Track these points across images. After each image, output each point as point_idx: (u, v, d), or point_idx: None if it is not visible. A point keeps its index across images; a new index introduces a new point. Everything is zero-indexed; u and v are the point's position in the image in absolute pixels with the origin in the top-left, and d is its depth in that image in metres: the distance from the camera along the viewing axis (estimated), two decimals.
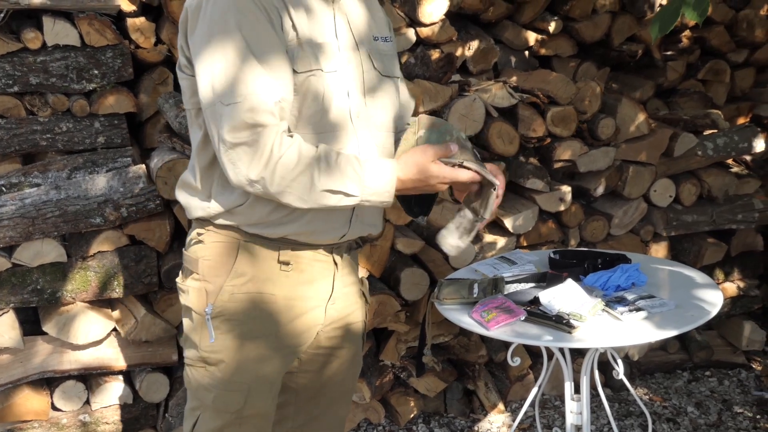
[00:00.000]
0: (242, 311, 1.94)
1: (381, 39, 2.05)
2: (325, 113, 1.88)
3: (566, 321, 2.28)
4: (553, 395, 3.70)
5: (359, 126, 1.94)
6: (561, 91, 3.42)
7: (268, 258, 1.94)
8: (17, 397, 2.95)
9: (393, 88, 2.05)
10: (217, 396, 1.96)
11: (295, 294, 1.98)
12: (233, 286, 1.93)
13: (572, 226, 3.60)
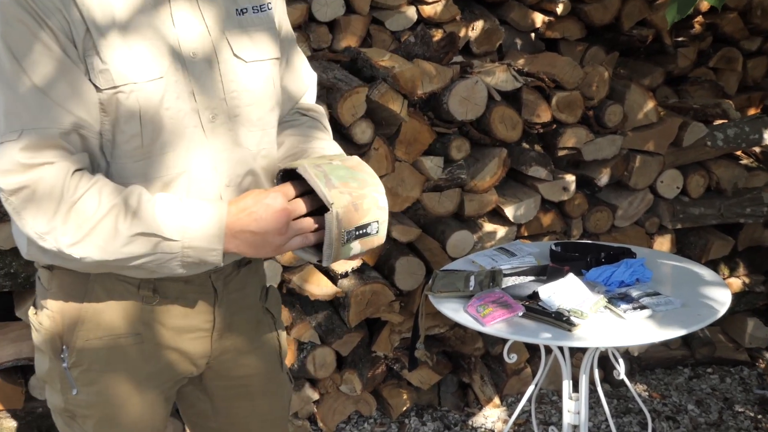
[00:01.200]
0: (102, 360, 1.61)
1: (251, 10, 1.62)
2: (154, 132, 1.49)
3: (566, 318, 2.18)
4: (551, 390, 3.60)
5: (218, 133, 1.56)
6: (567, 76, 3.30)
7: (125, 293, 1.58)
8: None
9: (266, 74, 1.63)
10: None
11: (166, 330, 1.64)
12: (86, 331, 1.59)
13: (575, 216, 3.48)
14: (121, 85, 1.45)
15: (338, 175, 1.50)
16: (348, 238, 1.50)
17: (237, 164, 1.59)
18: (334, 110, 2.93)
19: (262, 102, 1.63)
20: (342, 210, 1.47)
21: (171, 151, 1.51)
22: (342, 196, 1.47)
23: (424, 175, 3.15)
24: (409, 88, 3.02)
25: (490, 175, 3.23)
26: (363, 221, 1.51)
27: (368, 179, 1.54)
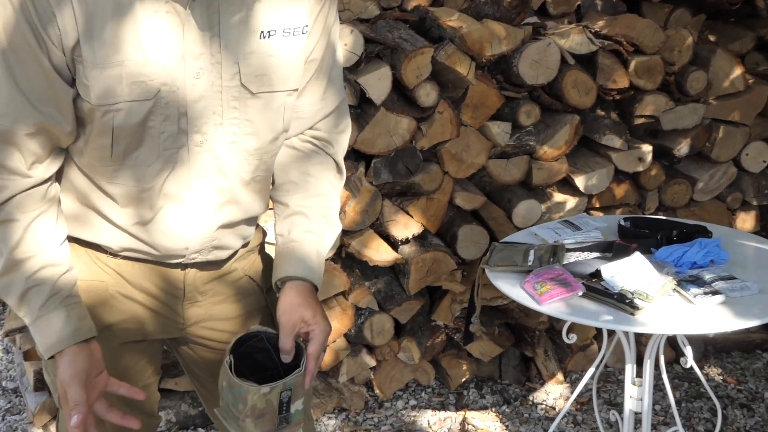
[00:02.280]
0: None
1: (281, 33, 1.48)
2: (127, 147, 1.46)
3: (629, 300, 2.06)
4: (618, 368, 3.46)
5: (204, 159, 1.49)
6: (648, 39, 3.12)
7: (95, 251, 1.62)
8: None
9: (274, 106, 1.53)
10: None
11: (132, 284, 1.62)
12: None
13: (651, 188, 3.33)
14: (97, 105, 1.41)
15: (231, 402, 1.50)
16: (283, 420, 1.51)
17: (217, 192, 1.54)
18: (398, 71, 2.83)
19: (264, 133, 1.54)
20: (259, 430, 1.50)
21: (144, 167, 1.48)
22: (248, 424, 1.50)
23: (491, 141, 3.03)
24: (477, 50, 2.89)
25: (560, 143, 3.10)
26: (275, 409, 1.50)
27: (240, 390, 1.48)
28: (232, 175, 1.54)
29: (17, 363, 3.42)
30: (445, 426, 3.14)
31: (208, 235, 1.57)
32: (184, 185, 1.51)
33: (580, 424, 3.13)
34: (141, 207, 1.52)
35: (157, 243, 1.55)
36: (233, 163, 1.53)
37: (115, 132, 1.43)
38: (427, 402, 3.28)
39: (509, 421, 3.16)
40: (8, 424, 3.18)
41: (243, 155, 1.53)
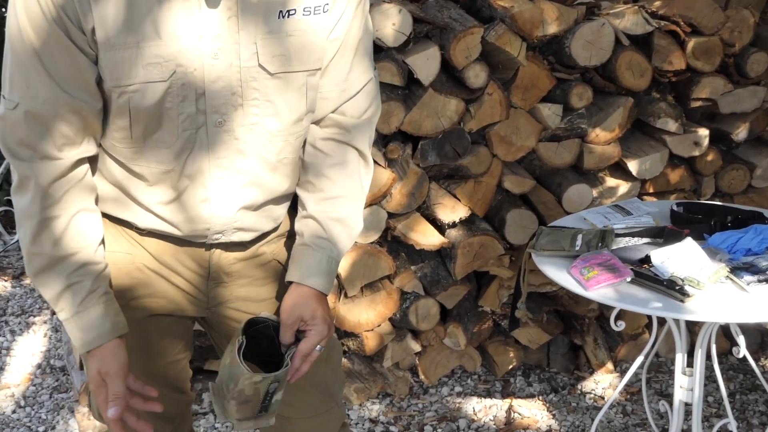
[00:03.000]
0: None
1: (301, 11, 1.46)
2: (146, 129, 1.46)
3: (679, 287, 1.99)
4: (670, 358, 3.38)
5: (223, 140, 1.49)
6: (706, 20, 3.03)
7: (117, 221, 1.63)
8: None
9: (295, 86, 1.50)
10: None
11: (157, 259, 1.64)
12: None
13: (707, 174, 3.24)
14: (113, 87, 1.42)
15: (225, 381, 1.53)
16: (263, 410, 1.55)
17: (238, 173, 1.53)
18: (446, 51, 2.78)
19: (286, 114, 1.52)
20: (239, 415, 1.54)
21: (164, 148, 1.48)
22: (231, 406, 1.53)
23: (541, 123, 2.97)
24: (528, 30, 2.82)
25: (613, 126, 3.02)
26: (260, 399, 1.53)
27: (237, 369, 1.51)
28: (254, 157, 1.53)
29: (65, 342, 3.46)
30: (490, 414, 3.10)
31: (230, 217, 1.56)
32: (204, 166, 1.50)
33: (629, 415, 3.06)
34: (165, 187, 1.52)
35: (180, 223, 1.56)
36: (256, 144, 1.52)
37: (132, 113, 1.44)
38: (472, 389, 3.23)
39: (556, 410, 3.10)
40: (55, 402, 3.22)
41: (266, 137, 1.52)
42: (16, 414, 3.15)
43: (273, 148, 1.54)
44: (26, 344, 3.66)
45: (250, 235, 1.63)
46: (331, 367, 1.80)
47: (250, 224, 1.61)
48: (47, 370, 3.45)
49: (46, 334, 3.75)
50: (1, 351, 3.61)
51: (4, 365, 3.49)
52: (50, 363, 3.50)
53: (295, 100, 1.52)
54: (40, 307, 3.98)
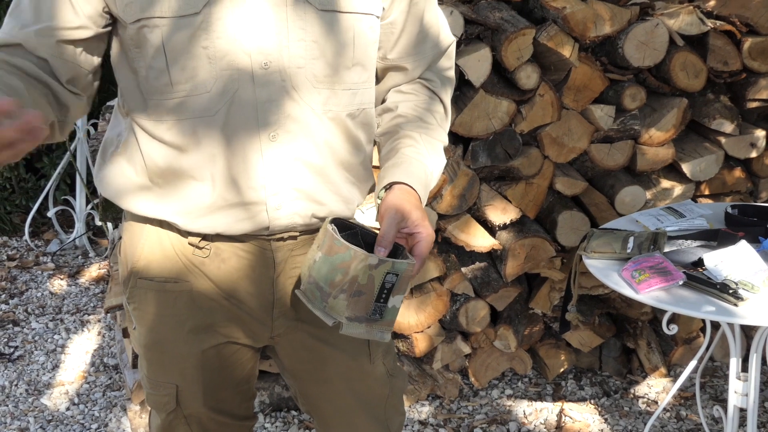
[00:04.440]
0: (150, 302, 1.56)
1: None
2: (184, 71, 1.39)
3: (733, 291, 1.96)
4: (725, 363, 3.32)
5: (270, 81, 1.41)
6: (763, 19, 2.98)
7: (179, 239, 1.52)
8: None
9: (346, 27, 1.44)
10: (149, 394, 1.65)
11: (217, 285, 1.53)
12: (138, 270, 1.55)
13: (764, 176, 3.19)
14: (143, 19, 1.37)
15: (324, 276, 1.38)
16: (377, 311, 1.38)
17: (288, 119, 1.43)
18: (498, 53, 2.77)
19: (332, 59, 1.44)
20: (349, 312, 1.37)
21: (206, 93, 1.40)
22: (338, 302, 1.37)
23: (594, 124, 2.94)
24: (581, 31, 2.80)
25: (667, 127, 2.98)
26: (375, 292, 1.37)
27: (344, 256, 1.36)
28: (302, 103, 1.44)
29: (118, 340, 3.52)
30: (541, 417, 3.08)
31: (287, 172, 1.45)
32: (251, 112, 1.41)
33: (683, 420, 3.02)
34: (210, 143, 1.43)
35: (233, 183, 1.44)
36: (302, 89, 1.43)
37: (167, 52, 1.38)
38: (523, 392, 3.22)
39: (608, 414, 3.07)
40: (108, 400, 3.28)
41: (312, 82, 1.43)
42: (69, 411, 3.21)
43: (319, 96, 1.44)
44: (81, 342, 3.73)
45: (311, 207, 1.49)
46: (393, 402, 1.70)
47: (311, 189, 1.48)
48: (101, 368, 3.51)
49: (100, 332, 3.82)
50: (57, 349, 3.67)
51: (59, 363, 3.55)
52: (104, 361, 3.56)
53: (342, 44, 1.44)
54: (95, 306, 4.05)
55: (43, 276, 4.36)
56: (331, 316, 1.37)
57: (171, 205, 1.48)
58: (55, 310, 4.02)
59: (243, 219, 1.46)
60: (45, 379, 3.42)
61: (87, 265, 4.45)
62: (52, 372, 3.47)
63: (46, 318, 3.93)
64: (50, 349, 3.66)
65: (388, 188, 1.46)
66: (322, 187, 1.49)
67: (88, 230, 4.64)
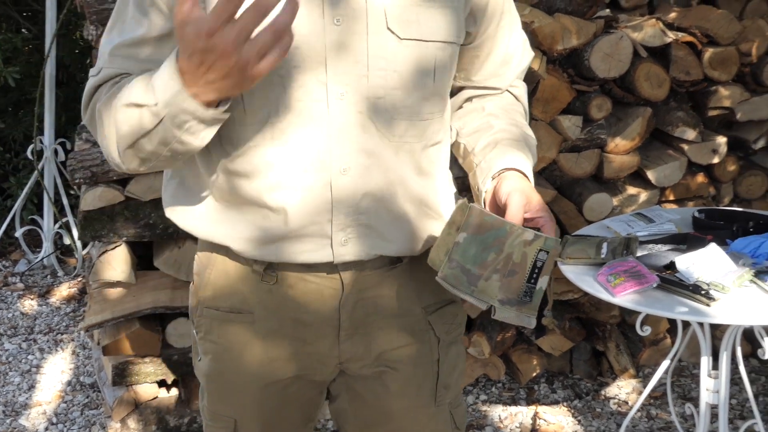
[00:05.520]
0: (214, 332, 1.53)
1: None
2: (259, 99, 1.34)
3: (705, 292, 2.03)
4: (692, 362, 3.42)
5: (345, 113, 1.36)
6: (723, 30, 3.09)
7: (244, 268, 1.48)
8: (129, 332, 2.93)
9: (426, 57, 1.39)
10: (207, 425, 1.62)
11: (283, 315, 1.48)
12: (205, 299, 1.53)
13: (725, 181, 3.29)
14: None
15: (472, 258, 1.31)
16: (528, 293, 1.32)
17: (362, 153, 1.38)
18: None
19: (413, 89, 1.39)
20: (501, 295, 1.30)
21: (278, 122, 1.35)
22: (490, 283, 1.30)
23: (562, 134, 3.03)
24: (549, 44, 2.89)
25: (632, 136, 3.08)
26: (527, 271, 1.30)
27: (499, 232, 1.30)
28: (377, 135, 1.39)
29: (95, 358, 3.51)
30: (516, 421, 3.14)
31: (354, 203, 1.40)
32: (323, 143, 1.36)
33: (654, 419, 3.11)
34: (279, 171, 1.38)
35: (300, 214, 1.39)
36: (380, 121, 1.38)
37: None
38: (497, 397, 3.28)
39: (581, 415, 3.15)
40: (86, 418, 3.28)
41: (390, 113, 1.39)
42: (48, 431, 3.20)
43: (397, 128, 1.40)
44: (55, 362, 3.71)
45: (381, 245, 1.45)
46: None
47: (380, 226, 1.43)
48: (77, 387, 3.50)
49: (75, 351, 3.80)
50: (32, 369, 3.65)
51: (34, 383, 3.54)
52: (80, 380, 3.55)
53: (423, 74, 1.40)
54: (67, 325, 4.04)
55: (12, 296, 4.33)
56: (482, 300, 1.30)
57: (236, 231, 1.43)
58: (27, 330, 4.00)
59: (308, 251, 1.42)
60: (21, 399, 3.41)
61: (56, 285, 4.44)
62: (28, 392, 3.46)
63: (19, 338, 3.91)
64: (25, 369, 3.64)
65: (499, 175, 1.42)
66: (391, 224, 1.45)
67: (55, 249, 4.62)
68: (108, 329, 3.00)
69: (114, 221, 2.90)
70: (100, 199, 2.88)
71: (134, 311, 2.93)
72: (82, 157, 2.86)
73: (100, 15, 2.96)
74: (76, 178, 2.85)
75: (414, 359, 1.55)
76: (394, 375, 1.55)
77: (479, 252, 1.30)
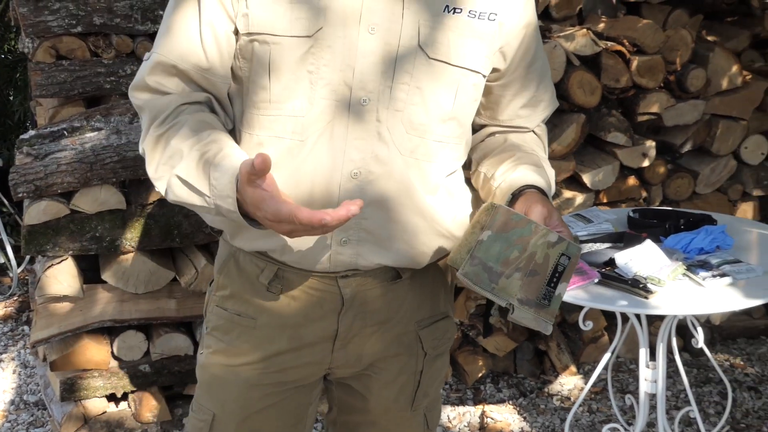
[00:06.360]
0: (220, 330, 1.59)
1: (467, 13, 1.43)
2: (285, 90, 1.41)
3: (643, 285, 2.15)
4: (629, 358, 3.56)
5: (364, 119, 1.41)
6: (649, 40, 3.22)
7: (253, 276, 1.54)
8: (77, 346, 2.93)
9: (450, 80, 1.44)
10: (190, 416, 1.67)
11: (283, 323, 1.54)
12: (216, 297, 1.60)
13: (655, 183, 3.42)
14: (255, 33, 1.40)
15: (495, 255, 1.33)
16: (547, 297, 1.33)
17: (373, 160, 1.43)
18: None
19: (432, 107, 1.44)
20: (521, 294, 1.32)
21: (301, 116, 1.41)
22: (512, 281, 1.31)
23: None
24: None
25: (567, 141, 3.19)
26: (548, 273, 1.32)
27: (524, 231, 1.33)
28: (392, 146, 1.43)
29: (40, 375, 3.47)
30: (465, 420, 3.22)
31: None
32: (339, 144, 1.42)
33: (595, 412, 3.23)
34: (293, 164, 1.43)
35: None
36: (395, 133, 1.43)
37: (272, 69, 1.40)
38: (445, 398, 3.35)
39: (527, 412, 3.25)
40: None
41: (407, 127, 1.44)
42: None
43: (410, 143, 1.44)
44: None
45: (380, 252, 1.49)
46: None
47: (381, 233, 1.47)
48: (21, 405, 3.45)
49: (15, 370, 3.75)
50: None
51: None
52: (23, 399, 3.50)
53: (444, 95, 1.44)
54: (6, 345, 3.98)
55: None
56: (502, 298, 1.32)
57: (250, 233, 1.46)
58: None
59: (307, 247, 1.46)
60: None
61: None
62: None
63: None
64: None
65: (520, 192, 1.46)
66: (393, 233, 1.48)
67: None
68: (55, 344, 2.99)
69: (59, 235, 2.90)
70: (44, 212, 2.87)
71: (82, 325, 2.93)
72: (24, 171, 2.85)
73: (36, 27, 2.96)
74: (20, 193, 2.84)
75: (399, 368, 1.62)
76: (377, 379, 1.62)
77: (503, 250, 1.32)
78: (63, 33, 2.95)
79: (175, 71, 1.44)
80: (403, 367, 1.62)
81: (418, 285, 1.58)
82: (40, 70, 2.97)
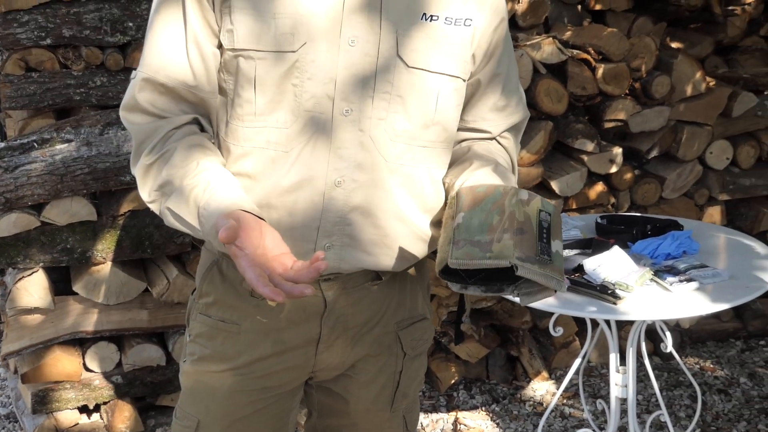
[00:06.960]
0: (203, 337, 1.60)
1: (443, 20, 1.47)
2: (270, 104, 1.45)
3: (611, 291, 2.18)
4: (600, 363, 3.59)
5: (347, 129, 1.45)
6: (614, 47, 3.27)
7: (236, 282, 1.54)
8: (48, 358, 2.92)
9: (430, 87, 1.48)
10: (174, 422, 1.67)
11: (267, 328, 1.56)
12: (200, 305, 1.61)
13: (623, 189, 3.47)
14: (240, 50, 1.44)
15: (477, 228, 1.33)
16: (545, 252, 1.32)
17: (357, 168, 1.47)
18: None
19: (414, 115, 1.48)
20: (519, 252, 1.30)
21: (285, 128, 1.45)
22: (504, 243, 1.31)
23: None
24: None
25: (536, 149, 3.22)
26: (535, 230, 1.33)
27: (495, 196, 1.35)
28: (376, 154, 1.47)
29: (11, 387, 3.45)
30: (438, 427, 3.24)
31: (343, 214, 1.48)
32: (323, 155, 1.45)
33: (567, 417, 3.26)
34: (277, 174, 1.46)
35: (290, 215, 1.47)
36: (379, 141, 1.47)
37: (257, 84, 1.43)
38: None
39: (499, 418, 3.27)
40: None
41: (390, 135, 1.47)
42: None
43: (394, 150, 1.48)
44: None
45: (363, 257, 1.52)
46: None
47: (364, 239, 1.50)
48: None
49: None
50: None
51: None
52: None
53: (426, 102, 1.48)
54: None
55: None
56: (500, 262, 1.29)
57: None
58: None
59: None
60: None
61: None
62: None
63: None
64: None
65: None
66: (376, 239, 1.51)
67: None
68: (26, 356, 2.98)
69: (30, 247, 2.89)
70: (15, 225, 2.86)
71: (53, 337, 2.92)
72: None
73: (5, 40, 2.95)
74: None
75: (378, 368, 1.65)
76: (356, 379, 1.65)
77: (483, 220, 1.33)
78: (32, 45, 2.94)
79: (163, 89, 1.46)
80: (382, 368, 1.65)
81: (397, 286, 1.62)
82: (9, 83, 2.96)
